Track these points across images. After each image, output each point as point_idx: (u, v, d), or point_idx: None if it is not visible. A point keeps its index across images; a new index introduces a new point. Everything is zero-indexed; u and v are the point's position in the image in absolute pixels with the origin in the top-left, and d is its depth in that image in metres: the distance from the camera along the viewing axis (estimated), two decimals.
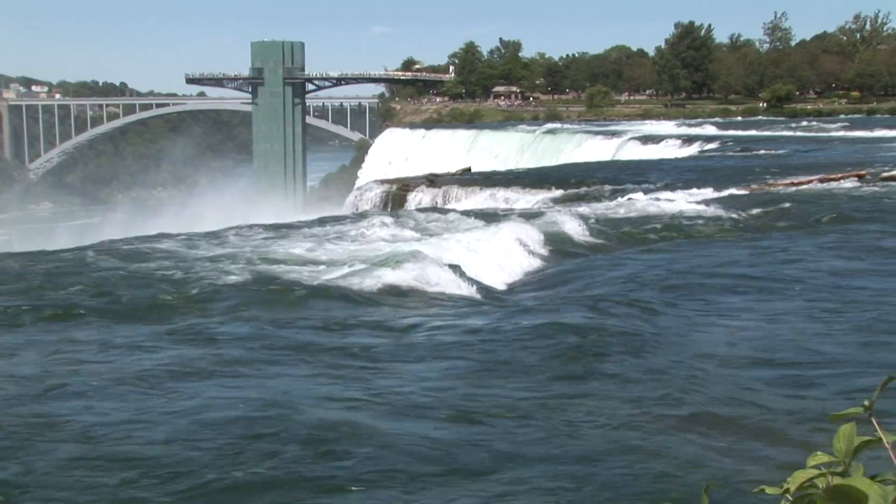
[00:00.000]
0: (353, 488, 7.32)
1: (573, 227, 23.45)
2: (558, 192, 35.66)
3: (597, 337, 11.80)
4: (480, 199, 37.14)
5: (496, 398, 9.50)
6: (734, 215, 25.15)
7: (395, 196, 40.92)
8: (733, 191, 31.22)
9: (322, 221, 25.32)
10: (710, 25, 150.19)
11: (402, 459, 7.84)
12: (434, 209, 30.16)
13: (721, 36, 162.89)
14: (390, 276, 16.15)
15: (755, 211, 25.90)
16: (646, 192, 31.88)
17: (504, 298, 16.34)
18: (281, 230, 23.39)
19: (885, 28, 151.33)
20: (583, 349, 11.24)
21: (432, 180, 41.82)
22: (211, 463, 7.65)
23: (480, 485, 7.40)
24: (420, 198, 39.59)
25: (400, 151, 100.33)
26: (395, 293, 15.56)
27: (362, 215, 28.72)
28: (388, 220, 25.09)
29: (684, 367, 10.54)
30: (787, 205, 26.64)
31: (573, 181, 38.67)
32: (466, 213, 26.74)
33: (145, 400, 9.41)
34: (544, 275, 19.35)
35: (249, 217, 36.10)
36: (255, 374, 10.46)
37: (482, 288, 16.81)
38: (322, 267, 17.91)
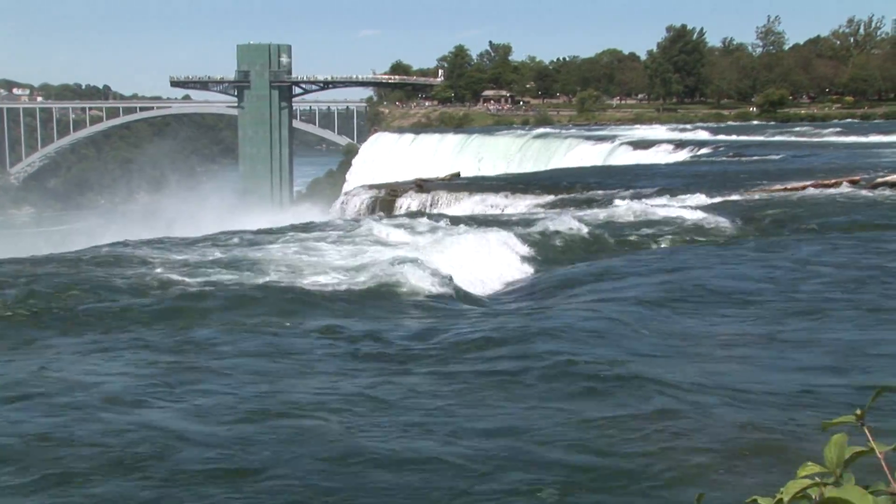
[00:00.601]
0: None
1: (562, 234, 23.18)
2: (548, 198, 35.51)
3: (578, 346, 11.78)
4: (469, 204, 37.14)
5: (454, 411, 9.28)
6: (726, 221, 24.91)
7: (384, 201, 41.19)
8: (725, 196, 30.93)
9: (307, 227, 25.02)
10: (702, 29, 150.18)
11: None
12: (422, 215, 29.29)
13: (713, 40, 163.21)
14: (370, 281, 16.17)
15: (747, 217, 25.69)
16: (636, 197, 31.73)
17: (486, 305, 16.34)
18: (258, 235, 23.13)
19: (878, 32, 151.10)
20: (562, 358, 11.09)
21: (421, 185, 41.95)
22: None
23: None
24: (408, 203, 39.86)
25: (388, 156, 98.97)
26: (373, 298, 15.51)
27: (348, 220, 28.79)
28: (374, 224, 24.64)
29: (672, 375, 10.35)
30: (781, 211, 26.50)
31: (563, 186, 38.71)
32: (455, 219, 26.34)
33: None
34: (530, 282, 19.26)
35: (232, 223, 35.53)
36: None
37: (464, 294, 16.74)
38: (299, 272, 17.61)
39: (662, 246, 22.23)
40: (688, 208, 27.23)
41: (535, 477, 7.51)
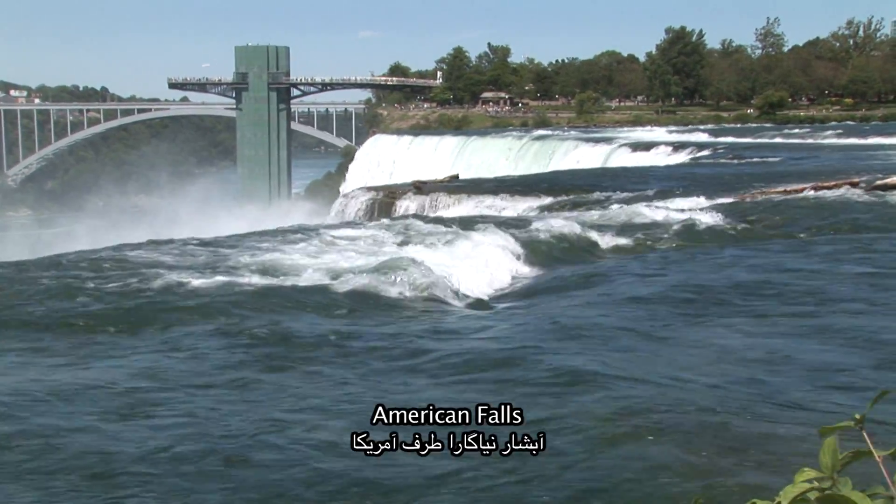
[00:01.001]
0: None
1: (560, 236, 22.87)
2: (547, 200, 35.22)
3: (574, 344, 11.74)
4: (468, 206, 36.80)
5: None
6: (725, 224, 24.73)
7: (382, 204, 40.84)
8: (724, 198, 30.65)
9: (302, 229, 24.55)
10: (701, 31, 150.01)
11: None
12: (420, 217, 29.04)
13: (713, 41, 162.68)
14: (362, 283, 15.91)
15: (747, 219, 25.54)
16: (635, 199, 31.38)
17: (479, 307, 16.12)
18: (220, 238, 22.72)
19: (878, 34, 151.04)
20: (560, 358, 10.97)
21: (419, 188, 41.53)
22: None
23: None
24: (407, 205, 39.50)
25: (386, 158, 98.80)
26: (361, 300, 15.20)
27: (345, 222, 29.07)
28: (371, 226, 24.45)
29: (668, 378, 10.23)
30: (780, 213, 26.33)
31: (562, 188, 38.48)
32: (453, 221, 25.87)
33: None
34: (527, 284, 19.01)
35: (228, 225, 35.02)
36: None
37: (458, 296, 16.53)
38: (242, 273, 17.15)
39: (661, 248, 22.01)
40: (686, 211, 26.98)
41: (388, 475, 7.50)
